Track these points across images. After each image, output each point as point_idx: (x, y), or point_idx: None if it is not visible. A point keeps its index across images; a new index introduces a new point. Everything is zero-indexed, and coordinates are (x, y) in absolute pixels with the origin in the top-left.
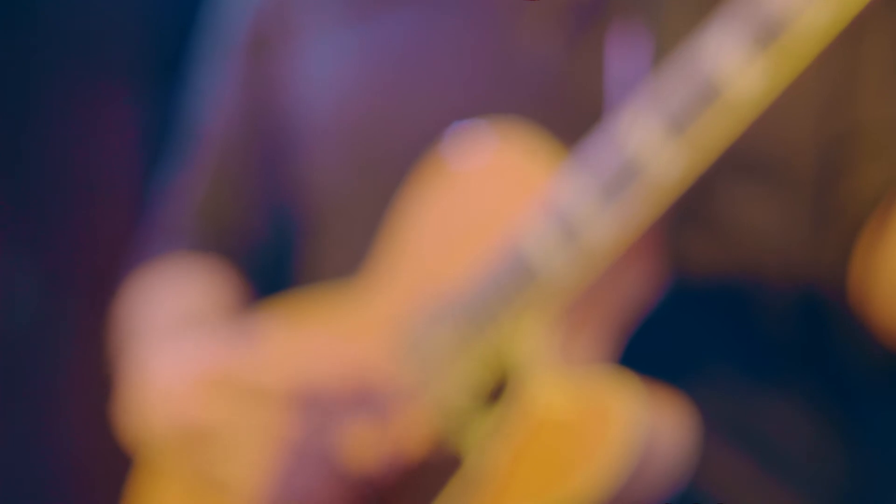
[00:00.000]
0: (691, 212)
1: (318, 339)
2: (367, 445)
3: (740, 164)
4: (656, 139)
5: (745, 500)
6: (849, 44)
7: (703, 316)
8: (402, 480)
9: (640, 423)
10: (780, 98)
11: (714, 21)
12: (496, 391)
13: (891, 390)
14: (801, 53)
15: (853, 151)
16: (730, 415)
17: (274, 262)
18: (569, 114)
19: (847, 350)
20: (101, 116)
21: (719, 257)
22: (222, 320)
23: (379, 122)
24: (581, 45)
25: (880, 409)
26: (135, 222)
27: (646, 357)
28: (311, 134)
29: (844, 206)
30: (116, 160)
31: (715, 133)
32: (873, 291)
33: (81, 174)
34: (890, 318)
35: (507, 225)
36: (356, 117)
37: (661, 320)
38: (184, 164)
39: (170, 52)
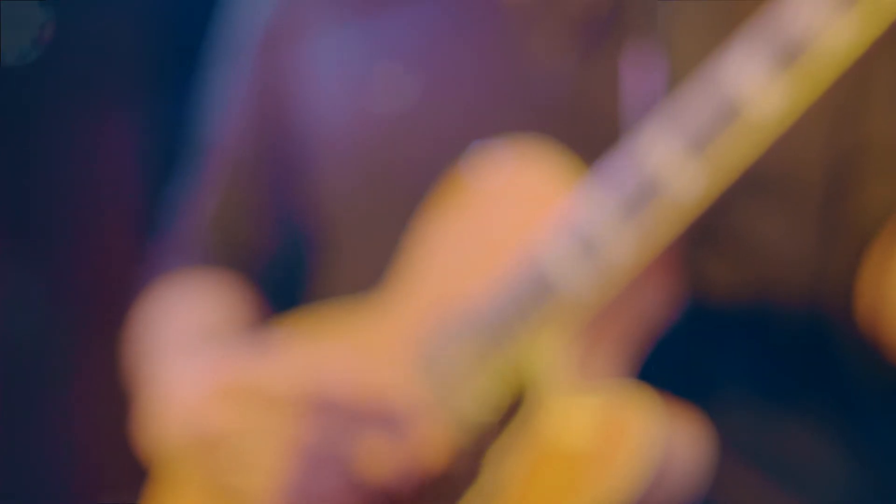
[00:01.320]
0: (705, 229)
1: (335, 352)
2: (383, 458)
3: (750, 181)
4: (676, 158)
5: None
6: (858, 61)
7: (718, 334)
8: (418, 494)
9: (657, 439)
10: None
11: (734, 41)
12: (513, 407)
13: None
14: (822, 74)
15: (862, 168)
16: (744, 432)
17: (286, 276)
18: (584, 131)
19: (855, 367)
20: (108, 127)
21: (733, 275)
22: (236, 334)
23: (392, 137)
24: (595, 61)
25: (889, 426)
26: (140, 234)
27: (662, 374)
28: (323, 147)
29: (853, 222)
30: (123, 171)
31: (734, 153)
32: (882, 308)
33: (87, 185)
34: None
35: (525, 242)
36: (369, 133)
37: (677, 338)
38: (195, 177)
39: (179, 61)
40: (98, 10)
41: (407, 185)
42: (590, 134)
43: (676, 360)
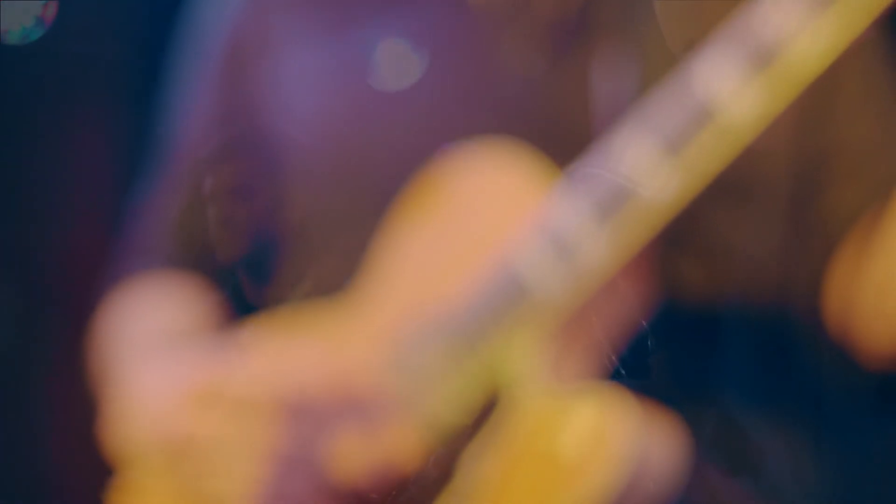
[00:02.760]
0: (677, 231)
1: (307, 353)
2: (357, 458)
3: (720, 184)
4: (648, 160)
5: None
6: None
7: (691, 334)
8: (392, 494)
9: (632, 440)
10: None
11: (707, 45)
12: (487, 409)
13: (867, 405)
14: (793, 79)
15: (829, 171)
16: (716, 432)
17: (255, 278)
18: (557, 133)
19: (824, 367)
20: (78, 133)
21: (704, 276)
22: (202, 336)
23: (365, 140)
24: (567, 63)
25: (858, 425)
26: (112, 238)
27: (636, 375)
28: (293, 149)
29: (821, 224)
30: (93, 176)
31: (707, 156)
32: (851, 309)
33: (59, 189)
34: (871, 334)
35: (499, 244)
36: (341, 136)
37: (651, 339)
38: (159, 180)
39: (146, 68)
40: (69, 19)
41: (379, 187)
42: (562, 136)
43: (649, 360)
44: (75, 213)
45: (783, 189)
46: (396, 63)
